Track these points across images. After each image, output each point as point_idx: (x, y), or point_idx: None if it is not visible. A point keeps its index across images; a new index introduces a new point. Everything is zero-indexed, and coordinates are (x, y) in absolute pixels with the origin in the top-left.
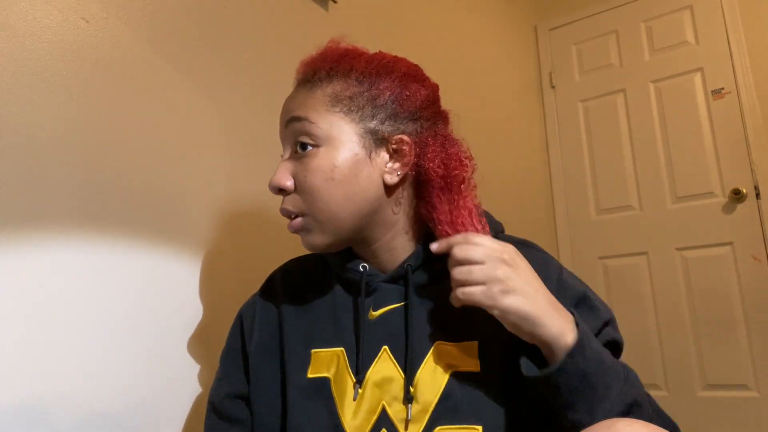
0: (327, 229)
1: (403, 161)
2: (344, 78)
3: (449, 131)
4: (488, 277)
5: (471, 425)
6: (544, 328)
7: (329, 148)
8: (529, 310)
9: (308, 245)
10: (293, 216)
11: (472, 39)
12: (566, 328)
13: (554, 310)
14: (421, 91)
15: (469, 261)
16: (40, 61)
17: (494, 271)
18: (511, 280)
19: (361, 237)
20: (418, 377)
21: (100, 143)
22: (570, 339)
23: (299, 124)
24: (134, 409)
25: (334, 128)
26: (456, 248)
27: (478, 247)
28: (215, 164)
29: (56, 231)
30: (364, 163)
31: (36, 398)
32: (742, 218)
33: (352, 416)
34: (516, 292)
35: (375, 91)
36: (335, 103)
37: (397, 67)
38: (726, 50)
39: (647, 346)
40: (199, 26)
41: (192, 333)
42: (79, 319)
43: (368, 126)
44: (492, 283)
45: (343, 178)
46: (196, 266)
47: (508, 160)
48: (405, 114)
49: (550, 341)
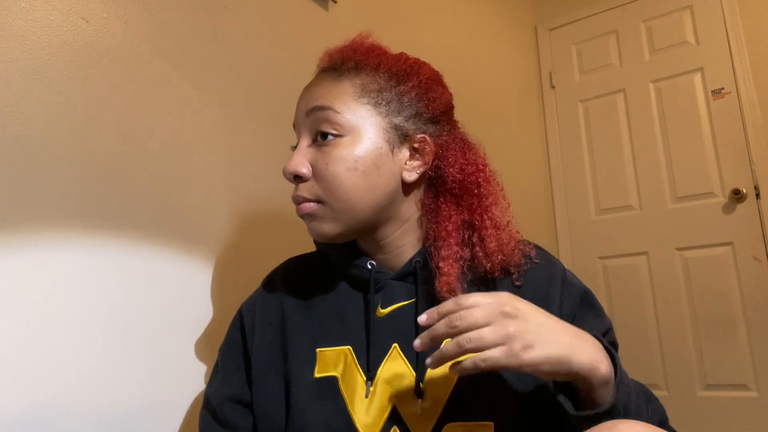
0: (341, 219)
1: (424, 160)
2: (373, 72)
3: (466, 136)
4: (502, 337)
5: (482, 421)
6: (579, 364)
7: (353, 139)
8: (560, 353)
9: (316, 233)
10: (308, 203)
11: (472, 39)
12: (598, 356)
13: (579, 339)
14: (445, 95)
15: (475, 326)
16: (40, 61)
17: (506, 329)
18: (527, 333)
19: (371, 231)
20: (429, 374)
21: (100, 143)
22: (605, 368)
23: (323, 113)
24: (135, 410)
25: (361, 119)
26: (454, 319)
27: (477, 309)
28: (215, 164)
29: (56, 231)
30: (387, 158)
31: (36, 398)
32: (742, 218)
33: (364, 414)
34: (537, 342)
35: (403, 88)
36: (363, 94)
37: (423, 70)
38: (726, 50)
39: (647, 346)
40: (199, 26)
41: (193, 332)
42: (78, 320)
43: (393, 121)
44: (510, 342)
45: (366, 170)
46: (197, 266)
47: (508, 160)
48: (428, 115)
49: (586, 374)
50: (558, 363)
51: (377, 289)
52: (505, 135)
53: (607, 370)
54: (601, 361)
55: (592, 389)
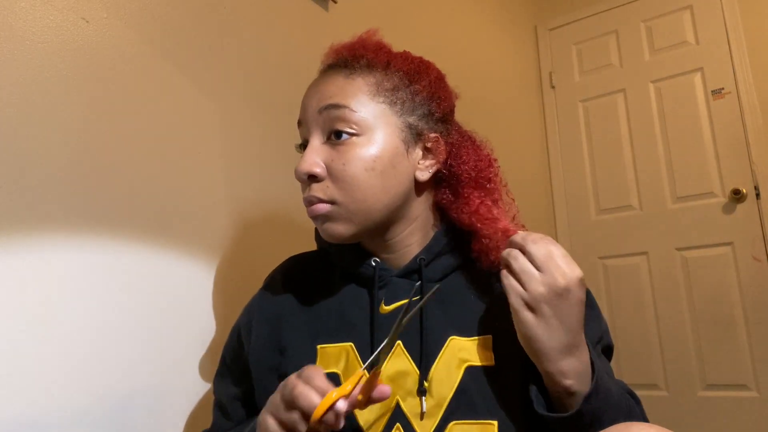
0: (356, 220)
1: (437, 159)
2: (384, 69)
3: (472, 133)
4: (536, 294)
5: (486, 420)
6: (555, 368)
7: (370, 138)
8: (550, 348)
9: (330, 234)
10: (322, 203)
11: (472, 39)
12: (574, 371)
13: (575, 350)
14: (451, 95)
15: (532, 262)
16: (40, 61)
17: (541, 291)
18: (550, 306)
19: (382, 231)
20: (433, 372)
21: (99, 143)
22: (573, 384)
23: (338, 111)
24: (135, 410)
25: (377, 119)
26: (528, 241)
27: (543, 255)
28: (215, 164)
29: (55, 231)
30: (402, 157)
31: (35, 398)
32: (742, 218)
33: (366, 411)
34: (548, 323)
35: (415, 87)
36: (378, 93)
37: (431, 69)
38: (726, 50)
39: (647, 346)
40: (199, 26)
41: (192, 333)
42: (77, 320)
43: (408, 120)
44: (533, 301)
45: (384, 169)
46: (197, 266)
47: (508, 160)
48: (438, 114)
49: (554, 378)
50: (541, 353)
51: (380, 286)
52: (506, 135)
53: (575, 387)
54: (574, 377)
55: (557, 394)
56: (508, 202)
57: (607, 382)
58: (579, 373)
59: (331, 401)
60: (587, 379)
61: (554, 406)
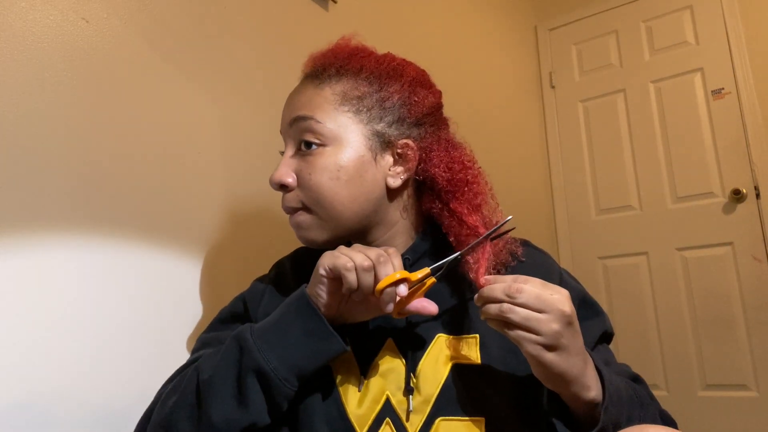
0: (327, 227)
1: (407, 165)
2: (354, 77)
3: (451, 135)
4: (551, 333)
5: (474, 416)
6: (581, 387)
7: (336, 148)
8: (571, 372)
9: (305, 240)
10: (296, 211)
11: (472, 39)
12: (592, 383)
13: (587, 364)
14: (429, 98)
15: (528, 307)
16: (40, 61)
17: (554, 328)
18: (563, 338)
19: (361, 235)
20: (420, 368)
21: (99, 143)
22: (594, 394)
23: (305, 123)
24: (130, 406)
25: (342, 128)
26: (514, 291)
27: (534, 294)
28: (215, 164)
29: (55, 231)
30: (369, 165)
31: (36, 398)
32: (742, 218)
33: (357, 405)
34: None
35: (384, 94)
36: (344, 102)
37: (407, 72)
38: (726, 50)
39: (647, 347)
40: (199, 26)
41: (192, 332)
42: (75, 318)
43: (375, 128)
44: (549, 339)
45: (349, 179)
46: (196, 265)
47: (508, 160)
48: (411, 119)
49: (579, 397)
50: (569, 380)
51: None
52: (505, 135)
53: (597, 397)
54: (594, 386)
55: (579, 410)
56: (493, 207)
57: (615, 381)
58: (595, 379)
59: (394, 279)
60: (598, 381)
61: (573, 424)
